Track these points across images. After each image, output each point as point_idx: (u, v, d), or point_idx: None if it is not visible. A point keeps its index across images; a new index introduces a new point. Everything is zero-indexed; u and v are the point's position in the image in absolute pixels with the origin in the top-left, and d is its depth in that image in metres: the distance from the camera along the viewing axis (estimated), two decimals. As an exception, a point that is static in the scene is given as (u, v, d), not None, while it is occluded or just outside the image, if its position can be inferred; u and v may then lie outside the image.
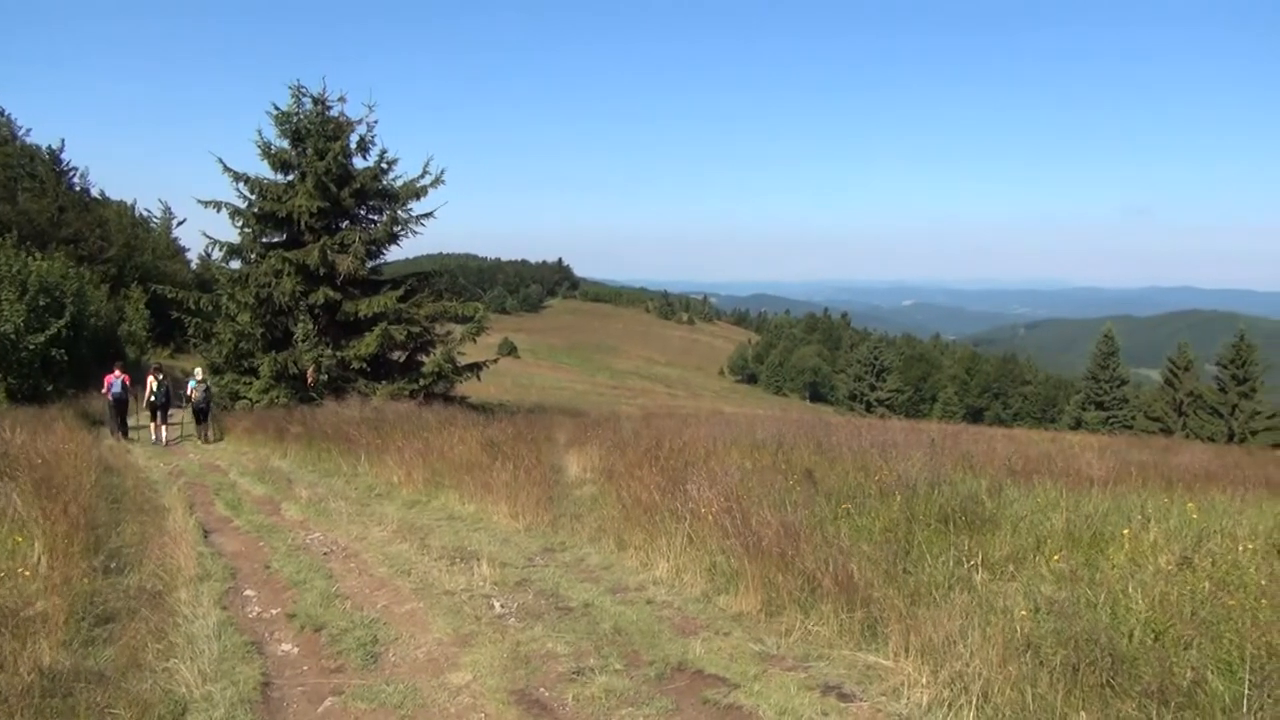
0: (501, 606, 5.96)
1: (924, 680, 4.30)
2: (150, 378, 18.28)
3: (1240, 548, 6.11)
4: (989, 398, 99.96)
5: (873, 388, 80.00)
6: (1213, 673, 4.00)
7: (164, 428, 17.94)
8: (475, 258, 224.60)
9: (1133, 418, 51.70)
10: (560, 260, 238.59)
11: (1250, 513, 7.64)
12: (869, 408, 75.90)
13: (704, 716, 4.20)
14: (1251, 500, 8.43)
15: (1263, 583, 5.06)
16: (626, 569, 6.95)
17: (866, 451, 10.25)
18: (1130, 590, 5.16)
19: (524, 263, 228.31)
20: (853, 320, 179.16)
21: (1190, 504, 7.61)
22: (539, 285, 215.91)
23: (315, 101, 22.97)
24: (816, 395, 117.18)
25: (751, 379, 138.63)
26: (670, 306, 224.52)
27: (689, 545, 6.70)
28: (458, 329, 23.66)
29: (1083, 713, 3.68)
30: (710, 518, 6.80)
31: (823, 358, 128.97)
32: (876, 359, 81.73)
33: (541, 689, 4.57)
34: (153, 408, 17.89)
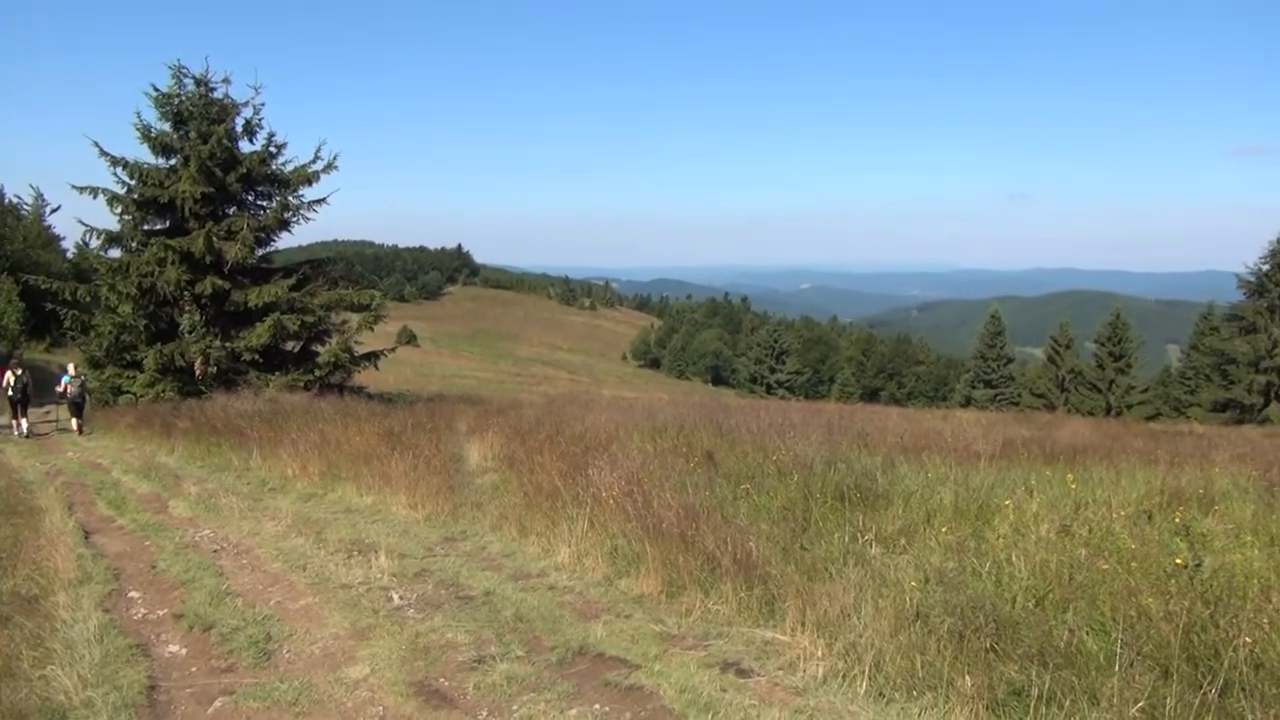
0: (400, 598, 5.87)
1: (819, 653, 4.41)
2: (8, 372, 17.57)
3: (1114, 515, 6.44)
4: (884, 378, 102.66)
5: (773, 370, 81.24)
6: (1088, 633, 4.20)
7: (23, 420, 17.40)
8: (372, 244, 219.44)
9: (1019, 394, 53.74)
10: (460, 247, 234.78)
11: (1124, 482, 8.05)
12: (770, 390, 77.09)
13: (605, 699, 4.21)
14: (1125, 470, 8.87)
15: (1133, 547, 5.34)
16: (528, 555, 6.93)
17: (765, 433, 10.42)
18: (1013, 559, 5.38)
19: (422, 249, 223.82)
20: (753, 304, 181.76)
21: (1069, 475, 7.99)
22: (438, 272, 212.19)
23: (197, 83, 22.04)
24: (718, 379, 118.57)
25: (654, 364, 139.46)
26: (572, 292, 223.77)
27: (591, 530, 6.71)
28: (354, 318, 23.08)
29: (967, 676, 3.81)
30: (612, 502, 6.83)
31: (724, 341, 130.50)
32: (776, 342, 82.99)
33: (442, 679, 4.52)
34: (13, 403, 17.33)
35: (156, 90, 21.79)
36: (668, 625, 5.18)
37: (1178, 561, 4.73)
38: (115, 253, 22.66)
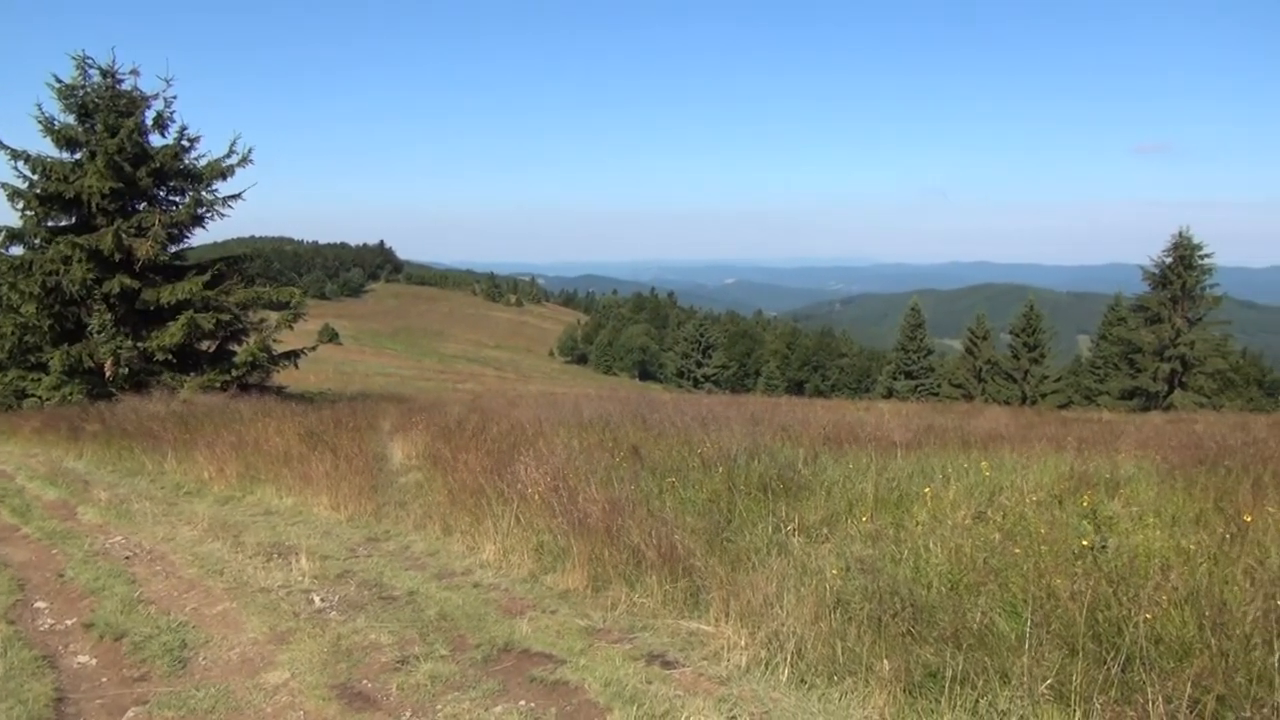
0: (322, 600, 5.77)
1: (743, 642, 4.46)
2: None
3: (1027, 500, 6.65)
4: (809, 371, 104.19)
5: (699, 364, 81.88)
6: (1000, 615, 4.33)
7: None
8: (291, 241, 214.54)
9: (939, 385, 55.06)
10: (382, 243, 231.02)
11: (1036, 468, 8.30)
12: (697, 384, 77.70)
13: (530, 695, 4.20)
14: (1037, 456, 9.15)
15: (1043, 530, 5.52)
16: (453, 554, 6.87)
17: (690, 427, 10.50)
18: (931, 545, 5.53)
19: (344, 246, 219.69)
20: (679, 299, 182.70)
21: (984, 463, 8.21)
22: (360, 269, 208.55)
23: (104, 74, 21.26)
24: (646, 374, 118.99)
25: (581, 359, 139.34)
26: (498, 289, 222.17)
27: (516, 526, 6.68)
28: (273, 316, 22.55)
29: (885, 660, 3.90)
30: (537, 498, 6.81)
31: (651, 336, 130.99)
32: (702, 336, 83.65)
33: (364, 681, 4.46)
34: None
35: (59, 81, 20.96)
36: (593, 619, 5.19)
37: (1084, 543, 4.92)
38: (17, 250, 21.74)
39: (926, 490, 6.98)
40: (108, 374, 19.60)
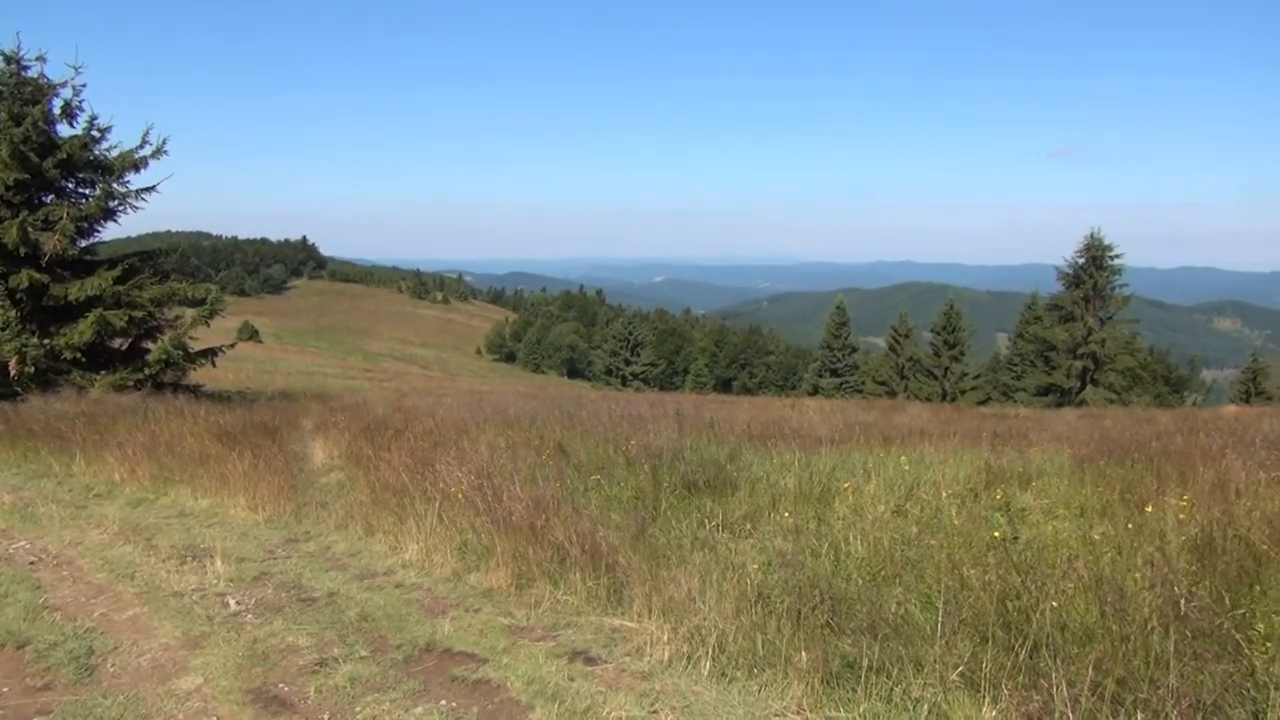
0: (237, 603, 5.63)
1: (665, 637, 4.49)
2: None
3: (943, 494, 6.82)
4: (737, 368, 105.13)
5: (628, 362, 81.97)
6: (915, 606, 4.45)
7: None
8: (209, 236, 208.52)
9: (863, 383, 56.04)
10: (305, 238, 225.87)
11: (953, 462, 8.52)
12: (625, 382, 77.78)
13: (452, 694, 4.17)
14: (954, 451, 9.39)
15: (958, 523, 5.68)
16: (375, 554, 6.77)
17: (617, 424, 10.52)
18: (851, 539, 5.64)
19: (264, 241, 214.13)
20: (608, 297, 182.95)
21: (904, 458, 8.40)
22: (282, 265, 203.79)
23: (7, 60, 20.39)
24: (575, 371, 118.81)
25: (510, 357, 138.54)
26: (424, 286, 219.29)
27: (440, 525, 6.61)
28: (189, 313, 21.86)
29: (804, 652, 3.96)
30: (461, 497, 6.75)
31: (579, 334, 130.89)
32: (631, 334, 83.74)
33: (281, 684, 4.37)
34: None
35: (-41, 67, 20.07)
36: (517, 618, 5.17)
37: (996, 535, 5.06)
38: (-85, 243, 20.78)
39: (847, 485, 7.12)
40: (12, 373, 18.81)
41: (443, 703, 4.08)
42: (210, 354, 22.01)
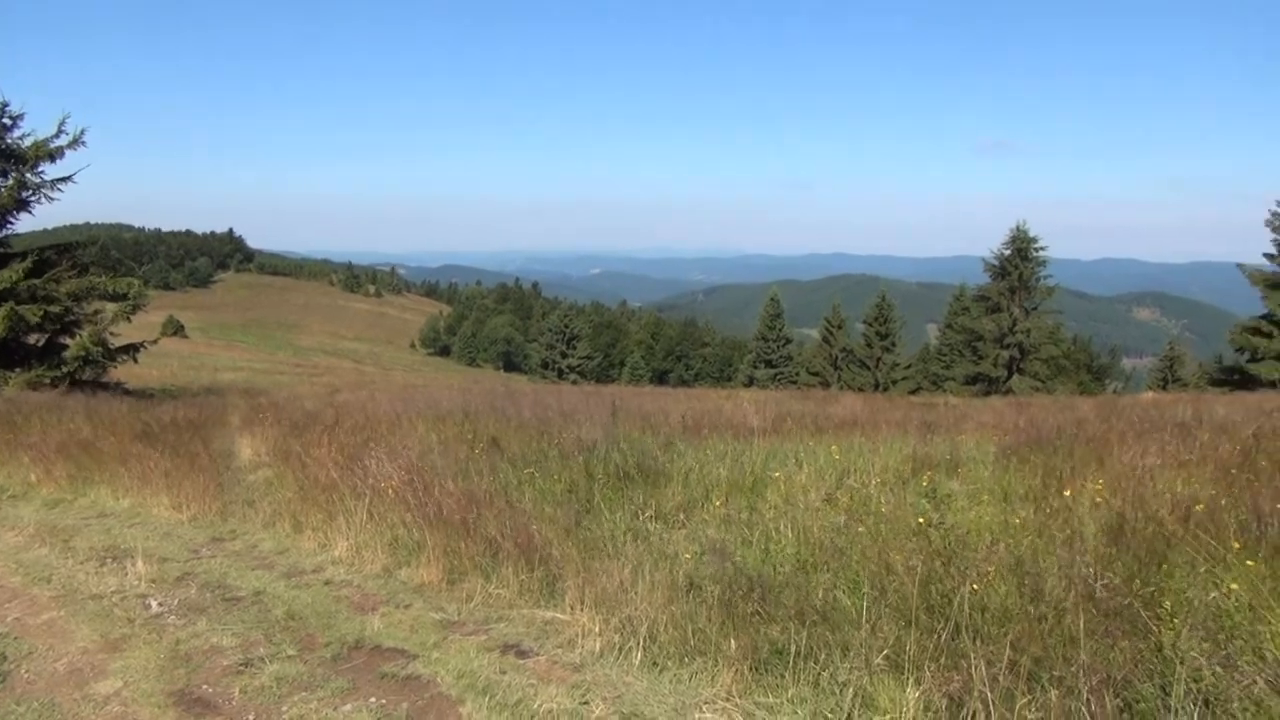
0: (159, 605, 5.49)
1: (597, 628, 4.50)
2: None
3: (872, 482, 6.94)
4: (673, 360, 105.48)
5: (564, 355, 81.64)
6: (843, 592, 4.52)
7: None
8: (130, 228, 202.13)
9: (797, 373, 56.65)
10: (231, 231, 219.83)
11: (883, 450, 8.66)
12: (561, 375, 77.49)
13: (381, 691, 4.13)
14: (884, 440, 9.55)
15: (885, 510, 5.78)
16: (303, 552, 6.66)
17: (551, 417, 10.48)
18: (781, 527, 5.71)
19: (189, 233, 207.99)
20: (544, 290, 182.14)
21: (835, 447, 8.52)
22: (208, 258, 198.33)
23: (-88, 46, 19.59)
24: (511, 365, 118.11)
25: (444, 351, 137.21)
26: (356, 279, 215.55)
27: (370, 522, 6.53)
28: (110, 307, 21.24)
29: (734, 640, 4.01)
30: (392, 492, 6.67)
31: (515, 327, 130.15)
32: (567, 327, 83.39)
33: (205, 686, 4.28)
34: None
35: None
36: (448, 612, 5.13)
37: (921, 520, 5.16)
38: None
39: (779, 475, 7.19)
40: (-80, 371, 18.10)
41: (372, 700, 4.04)
42: (132, 350, 21.42)
